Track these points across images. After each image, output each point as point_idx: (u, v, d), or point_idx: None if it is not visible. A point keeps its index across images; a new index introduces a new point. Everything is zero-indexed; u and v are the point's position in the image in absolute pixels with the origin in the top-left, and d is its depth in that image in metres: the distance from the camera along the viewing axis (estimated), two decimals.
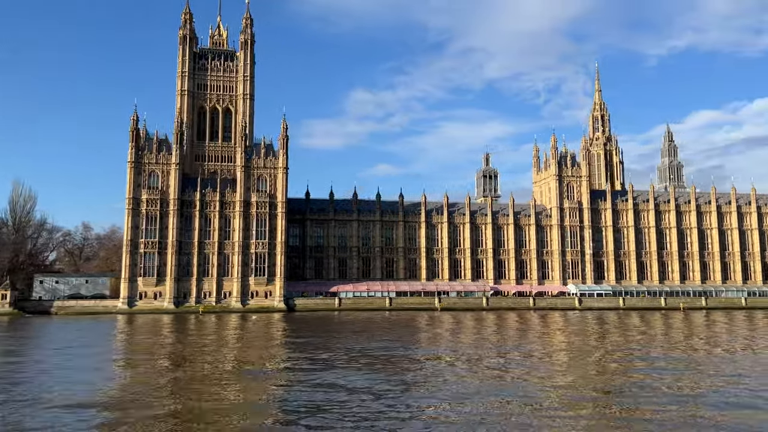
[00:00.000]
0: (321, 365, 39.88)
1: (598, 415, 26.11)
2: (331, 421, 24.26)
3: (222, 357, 45.26)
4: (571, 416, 25.52)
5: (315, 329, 71.00)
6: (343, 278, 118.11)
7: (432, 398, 29.13)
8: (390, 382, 33.28)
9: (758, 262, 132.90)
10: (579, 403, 28.30)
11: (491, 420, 24.54)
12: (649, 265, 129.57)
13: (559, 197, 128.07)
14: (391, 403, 27.59)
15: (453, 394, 29.85)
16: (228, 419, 25.42)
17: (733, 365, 40.51)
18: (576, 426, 23.83)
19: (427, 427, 23.86)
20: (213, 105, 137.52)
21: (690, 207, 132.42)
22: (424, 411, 26.31)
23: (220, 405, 28.24)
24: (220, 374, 36.90)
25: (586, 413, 26.14)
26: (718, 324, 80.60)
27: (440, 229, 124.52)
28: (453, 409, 26.83)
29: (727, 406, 27.14)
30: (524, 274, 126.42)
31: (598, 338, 61.08)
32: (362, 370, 37.77)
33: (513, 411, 26.27)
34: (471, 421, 24.42)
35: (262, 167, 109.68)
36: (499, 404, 27.67)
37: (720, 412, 25.91)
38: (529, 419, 24.80)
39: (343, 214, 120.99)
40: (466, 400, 28.34)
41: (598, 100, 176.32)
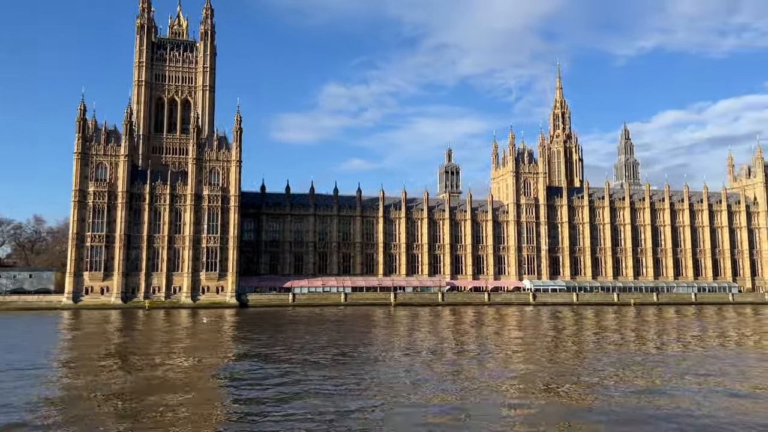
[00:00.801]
0: (264, 362, 38.91)
1: (551, 409, 25.78)
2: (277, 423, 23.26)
3: (156, 358, 43.89)
4: (522, 411, 25.23)
5: (263, 326, 69.82)
6: (299, 273, 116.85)
7: (376, 397, 28.42)
8: (336, 380, 32.47)
9: (709, 259, 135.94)
10: (529, 397, 28.02)
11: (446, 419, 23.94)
12: (604, 261, 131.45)
13: (516, 193, 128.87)
14: (340, 403, 26.69)
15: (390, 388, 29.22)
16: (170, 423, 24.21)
17: (657, 360, 40.87)
18: (529, 421, 23.45)
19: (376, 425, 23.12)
20: (171, 96, 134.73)
21: (644, 204, 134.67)
22: (371, 412, 25.35)
23: (160, 415, 26.93)
24: (161, 377, 35.62)
25: (538, 411, 25.70)
26: (663, 319, 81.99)
27: (398, 224, 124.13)
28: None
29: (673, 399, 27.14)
30: (481, 269, 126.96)
31: (544, 334, 61.33)
32: (306, 366, 36.93)
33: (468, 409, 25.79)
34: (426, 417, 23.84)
35: (214, 160, 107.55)
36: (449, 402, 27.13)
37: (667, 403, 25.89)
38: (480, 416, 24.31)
39: (299, 209, 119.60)
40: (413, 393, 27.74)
41: (559, 98, 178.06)
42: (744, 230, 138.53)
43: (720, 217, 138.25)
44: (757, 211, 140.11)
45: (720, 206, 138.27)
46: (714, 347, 48.58)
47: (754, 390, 30.28)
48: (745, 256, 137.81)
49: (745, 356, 43.44)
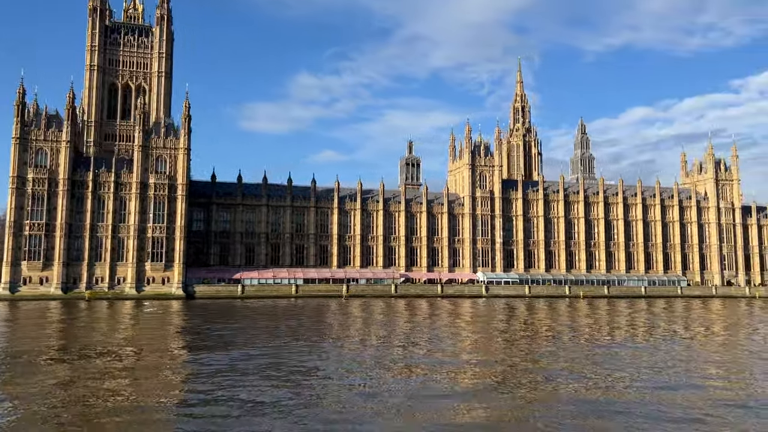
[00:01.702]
0: (202, 356, 37.44)
1: (503, 403, 25.01)
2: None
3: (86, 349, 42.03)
4: (473, 405, 24.37)
5: (206, 317, 68.04)
6: (251, 265, 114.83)
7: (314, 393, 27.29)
8: (274, 379, 31.25)
9: (660, 252, 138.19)
10: (478, 391, 27.21)
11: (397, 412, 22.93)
12: (557, 254, 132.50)
13: (472, 186, 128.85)
14: (285, 402, 25.51)
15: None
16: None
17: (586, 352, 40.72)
18: (482, 416, 22.55)
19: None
20: (125, 82, 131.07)
21: (598, 198, 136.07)
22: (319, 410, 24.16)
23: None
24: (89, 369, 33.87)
25: (488, 404, 24.86)
26: (605, 311, 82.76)
27: (353, 216, 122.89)
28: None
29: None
30: (436, 261, 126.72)
31: (484, 325, 61.04)
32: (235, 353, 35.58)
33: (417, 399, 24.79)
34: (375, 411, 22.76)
35: (161, 147, 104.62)
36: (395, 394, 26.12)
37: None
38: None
39: (251, 199, 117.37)
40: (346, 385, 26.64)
41: (520, 91, 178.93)
42: (694, 225, 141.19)
43: (672, 212, 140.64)
44: (707, 206, 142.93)
45: (672, 201, 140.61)
46: (633, 339, 48.82)
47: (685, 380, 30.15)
48: (695, 251, 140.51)
49: (673, 348, 43.66)
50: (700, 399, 25.60)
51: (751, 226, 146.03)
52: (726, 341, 48.05)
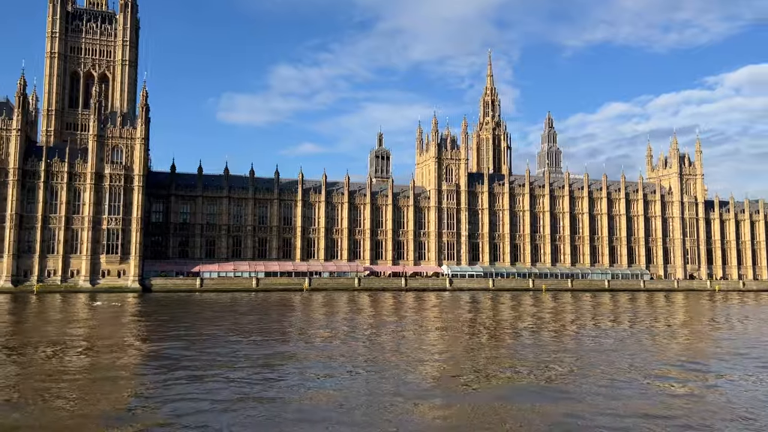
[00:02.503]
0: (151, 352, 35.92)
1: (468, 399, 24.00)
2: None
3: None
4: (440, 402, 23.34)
5: (159, 312, 66.30)
6: (211, 258, 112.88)
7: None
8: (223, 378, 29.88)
9: (624, 246, 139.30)
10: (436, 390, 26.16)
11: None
12: (523, 248, 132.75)
13: (438, 179, 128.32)
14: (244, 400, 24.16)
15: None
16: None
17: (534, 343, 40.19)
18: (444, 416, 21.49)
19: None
20: (88, 70, 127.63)
21: (563, 192, 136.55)
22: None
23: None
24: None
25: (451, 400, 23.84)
26: (563, 304, 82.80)
27: (317, 208, 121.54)
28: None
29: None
30: (401, 254, 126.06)
31: (439, 318, 60.37)
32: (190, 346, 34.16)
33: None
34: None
35: (117, 137, 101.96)
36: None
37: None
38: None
39: (212, 191, 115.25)
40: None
41: (490, 85, 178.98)
42: (658, 219, 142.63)
43: (636, 206, 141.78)
44: (671, 200, 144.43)
45: (637, 195, 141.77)
46: (586, 331, 48.54)
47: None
48: (658, 244, 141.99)
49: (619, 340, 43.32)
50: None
51: (713, 220, 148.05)
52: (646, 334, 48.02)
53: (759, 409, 22.28)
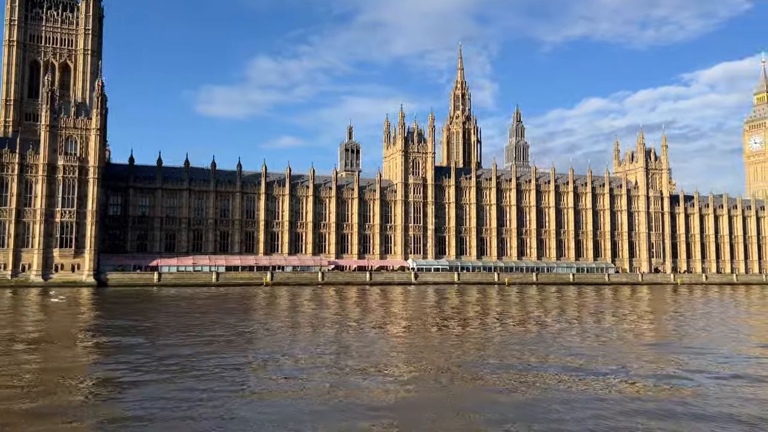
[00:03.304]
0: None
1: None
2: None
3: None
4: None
5: (110, 306, 64.32)
6: (171, 252, 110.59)
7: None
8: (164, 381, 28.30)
9: (590, 240, 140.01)
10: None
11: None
12: (489, 242, 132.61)
13: (405, 173, 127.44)
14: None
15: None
16: None
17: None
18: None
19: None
20: (48, 59, 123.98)
21: (530, 186, 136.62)
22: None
23: None
24: None
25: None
26: (524, 297, 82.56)
27: (281, 201, 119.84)
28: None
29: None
30: (367, 248, 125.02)
31: (394, 313, 59.45)
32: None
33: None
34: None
35: (72, 128, 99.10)
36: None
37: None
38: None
39: (173, 183, 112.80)
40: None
41: (460, 79, 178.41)
42: (624, 213, 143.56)
43: (603, 200, 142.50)
44: (637, 195, 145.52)
45: (603, 190, 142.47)
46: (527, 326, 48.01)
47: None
48: (624, 238, 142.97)
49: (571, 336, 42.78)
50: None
51: (679, 214, 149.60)
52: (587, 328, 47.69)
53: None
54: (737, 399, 21.86)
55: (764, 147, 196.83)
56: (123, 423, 18.60)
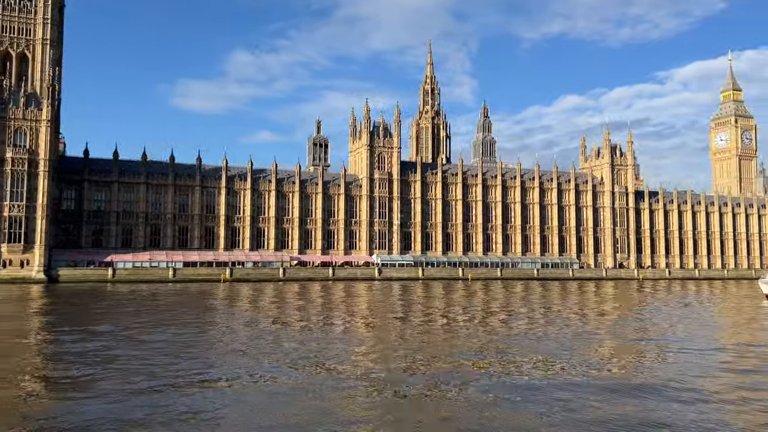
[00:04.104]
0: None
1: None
2: None
3: None
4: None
5: (56, 303, 61.87)
6: (128, 247, 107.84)
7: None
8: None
9: (555, 236, 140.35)
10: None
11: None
12: (455, 237, 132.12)
13: (370, 168, 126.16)
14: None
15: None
16: None
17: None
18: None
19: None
20: (5, 49, 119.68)
21: (496, 182, 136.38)
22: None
23: None
24: None
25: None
26: (492, 293, 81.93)
27: (243, 196, 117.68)
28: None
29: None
30: (331, 244, 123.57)
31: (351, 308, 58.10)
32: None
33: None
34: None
35: (20, 119, 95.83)
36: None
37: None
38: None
39: (129, 177, 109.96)
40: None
41: (430, 73, 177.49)
42: (590, 209, 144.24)
43: (568, 196, 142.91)
44: (603, 190, 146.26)
45: (569, 185, 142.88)
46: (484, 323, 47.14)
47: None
48: (589, 234, 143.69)
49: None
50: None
51: (643, 210, 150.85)
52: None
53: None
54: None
55: (729, 144, 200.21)
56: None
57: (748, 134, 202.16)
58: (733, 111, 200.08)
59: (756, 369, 26.05)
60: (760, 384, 23.16)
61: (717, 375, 24.74)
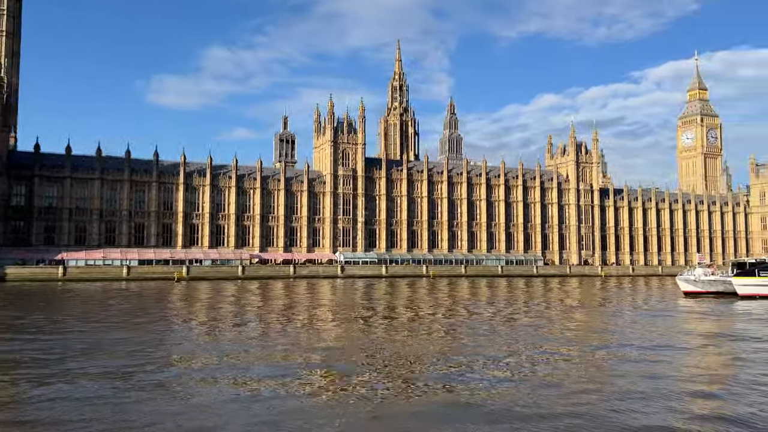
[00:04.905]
0: None
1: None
2: None
3: None
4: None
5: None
6: (82, 245, 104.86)
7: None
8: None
9: (521, 233, 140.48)
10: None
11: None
12: (420, 234, 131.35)
13: (334, 164, 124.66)
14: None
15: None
16: None
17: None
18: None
19: None
20: None
21: (461, 179, 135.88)
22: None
23: None
24: None
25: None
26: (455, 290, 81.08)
27: (202, 192, 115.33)
28: None
29: None
30: (294, 241, 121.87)
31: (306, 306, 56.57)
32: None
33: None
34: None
35: None
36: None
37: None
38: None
39: (83, 172, 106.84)
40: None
41: (398, 70, 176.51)
42: (555, 206, 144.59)
43: (534, 193, 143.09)
44: (568, 188, 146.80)
45: (534, 182, 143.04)
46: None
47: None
48: (554, 231, 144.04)
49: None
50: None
51: (608, 207, 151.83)
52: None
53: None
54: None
55: (695, 143, 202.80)
56: None
57: (713, 133, 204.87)
58: (699, 110, 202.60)
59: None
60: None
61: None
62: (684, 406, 18.81)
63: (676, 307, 55.33)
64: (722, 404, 18.96)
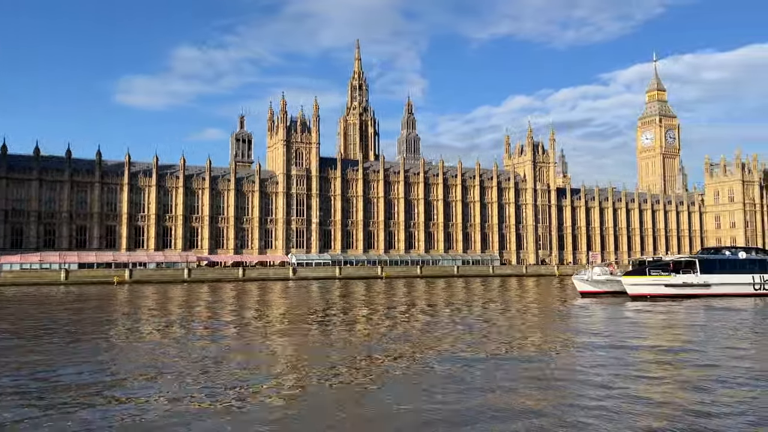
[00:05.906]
0: None
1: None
2: None
3: None
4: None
5: None
6: (18, 248, 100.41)
7: None
8: None
9: (478, 233, 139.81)
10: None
11: None
12: (376, 235, 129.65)
13: (287, 164, 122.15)
14: None
15: None
16: None
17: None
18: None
19: None
20: None
21: (418, 179, 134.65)
22: None
23: None
24: None
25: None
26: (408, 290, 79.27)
27: (147, 193, 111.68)
28: None
29: None
30: (245, 243, 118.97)
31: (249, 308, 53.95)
32: None
33: None
34: None
35: None
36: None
37: None
38: None
39: (19, 172, 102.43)
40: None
41: (358, 69, 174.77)
42: (512, 206, 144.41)
43: (491, 193, 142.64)
44: (525, 187, 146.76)
45: (491, 182, 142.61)
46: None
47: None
48: (512, 231, 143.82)
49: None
50: None
51: (565, 207, 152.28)
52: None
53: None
54: None
55: (654, 143, 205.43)
56: None
57: (671, 133, 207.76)
58: (658, 111, 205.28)
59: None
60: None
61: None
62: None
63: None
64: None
